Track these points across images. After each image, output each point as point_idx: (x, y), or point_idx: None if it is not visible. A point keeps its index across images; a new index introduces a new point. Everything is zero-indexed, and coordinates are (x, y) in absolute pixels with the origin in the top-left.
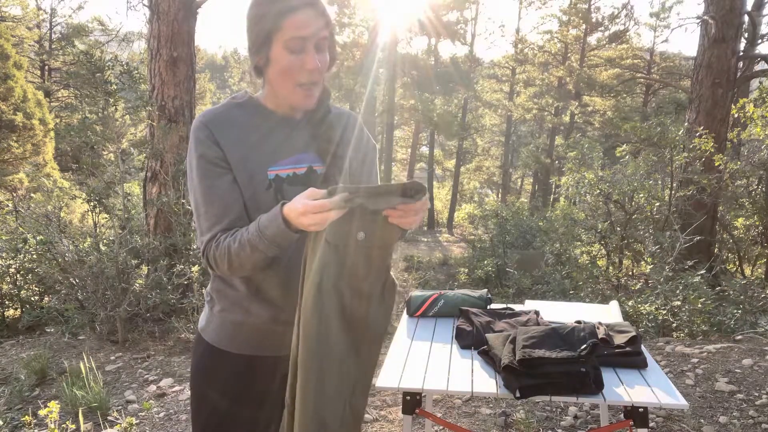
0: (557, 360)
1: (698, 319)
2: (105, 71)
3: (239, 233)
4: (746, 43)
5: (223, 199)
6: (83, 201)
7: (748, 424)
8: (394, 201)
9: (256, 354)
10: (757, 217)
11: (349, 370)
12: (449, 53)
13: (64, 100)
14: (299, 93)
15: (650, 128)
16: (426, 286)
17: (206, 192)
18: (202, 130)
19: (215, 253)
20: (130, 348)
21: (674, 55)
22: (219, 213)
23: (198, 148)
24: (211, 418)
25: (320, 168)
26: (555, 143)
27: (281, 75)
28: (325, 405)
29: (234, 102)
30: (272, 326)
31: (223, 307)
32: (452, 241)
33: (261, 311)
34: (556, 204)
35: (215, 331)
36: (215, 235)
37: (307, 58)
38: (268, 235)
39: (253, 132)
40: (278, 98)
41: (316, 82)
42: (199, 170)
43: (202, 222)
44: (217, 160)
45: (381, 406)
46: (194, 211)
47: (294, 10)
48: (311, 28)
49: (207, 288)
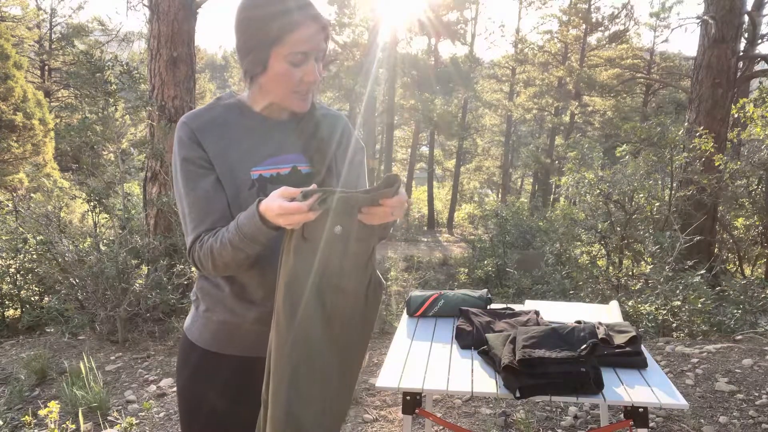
0: (557, 360)
1: (698, 319)
2: (105, 71)
3: (220, 233)
4: (746, 43)
5: (206, 199)
6: (83, 201)
7: (748, 424)
8: (371, 200)
9: (242, 355)
10: (757, 217)
11: (330, 371)
12: (449, 53)
13: (64, 100)
14: (295, 99)
15: (650, 128)
16: (426, 286)
17: (189, 193)
18: (185, 131)
19: (200, 254)
20: (130, 348)
21: (674, 55)
22: (202, 213)
23: (180, 150)
24: (197, 418)
25: (305, 168)
26: (555, 143)
27: (278, 84)
28: (300, 404)
29: (219, 103)
30: (257, 327)
31: (208, 307)
32: (452, 241)
33: (245, 311)
34: (556, 204)
35: (199, 330)
36: (199, 236)
37: (308, 70)
38: (247, 233)
39: (237, 132)
40: (266, 100)
41: (312, 90)
42: (183, 172)
43: (187, 223)
44: (199, 161)
45: (381, 406)
46: (180, 213)
47: (299, 26)
48: (314, 42)
49: (193, 288)
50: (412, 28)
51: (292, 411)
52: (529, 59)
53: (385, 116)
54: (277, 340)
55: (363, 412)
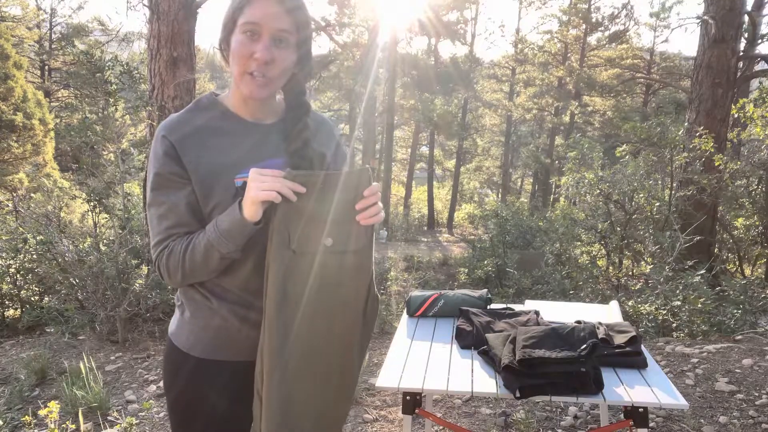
0: (557, 360)
1: (698, 319)
2: (105, 71)
3: (193, 236)
4: (746, 43)
5: (176, 214)
6: (83, 201)
7: (748, 424)
8: (347, 195)
9: (236, 360)
10: (757, 217)
11: (324, 387)
12: (449, 53)
13: (64, 100)
14: (246, 80)
15: (650, 128)
16: (426, 286)
17: (159, 206)
18: (164, 146)
19: (167, 261)
20: (130, 348)
21: (674, 55)
22: (170, 226)
23: (155, 163)
24: (190, 422)
25: None
26: (555, 143)
27: (234, 60)
28: (296, 414)
29: (199, 106)
30: (251, 331)
31: (192, 312)
32: (452, 241)
33: (229, 315)
34: (556, 204)
35: (187, 337)
36: (166, 243)
37: (258, 47)
38: (224, 228)
39: (220, 139)
40: (237, 90)
41: (269, 76)
42: (153, 184)
43: (155, 234)
44: (173, 176)
45: (381, 406)
46: (148, 224)
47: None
48: (268, 17)
49: (177, 292)
50: (412, 28)
51: (288, 419)
52: (529, 59)
53: (385, 116)
54: (268, 358)
55: (363, 412)
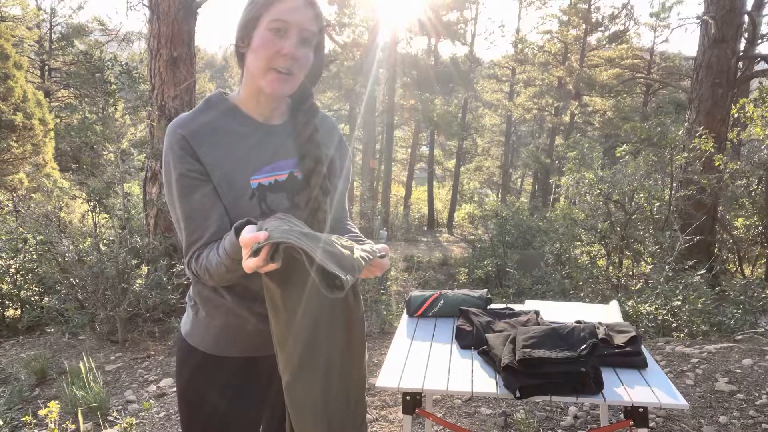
0: (557, 360)
1: (698, 319)
2: (105, 71)
3: (214, 249)
4: (746, 43)
5: (202, 213)
6: (83, 201)
7: (748, 424)
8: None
9: (243, 355)
10: (757, 217)
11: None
12: (449, 53)
13: (64, 100)
14: (269, 76)
15: (650, 128)
16: (426, 286)
17: (185, 205)
18: (177, 139)
19: (197, 268)
20: (130, 348)
21: (674, 55)
22: (198, 227)
23: (174, 162)
24: (198, 418)
25: (301, 174)
26: (555, 143)
27: (257, 56)
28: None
29: (209, 105)
30: (260, 326)
31: (208, 313)
32: (452, 241)
33: (247, 314)
34: (556, 204)
35: (201, 336)
36: (196, 250)
37: (286, 44)
38: (226, 251)
39: (232, 138)
40: (252, 87)
41: (292, 72)
42: (177, 185)
43: (184, 236)
44: (194, 173)
45: (381, 406)
46: (175, 226)
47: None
48: (297, 15)
49: (189, 291)
50: (412, 28)
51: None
52: (529, 59)
53: (385, 116)
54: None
55: None
